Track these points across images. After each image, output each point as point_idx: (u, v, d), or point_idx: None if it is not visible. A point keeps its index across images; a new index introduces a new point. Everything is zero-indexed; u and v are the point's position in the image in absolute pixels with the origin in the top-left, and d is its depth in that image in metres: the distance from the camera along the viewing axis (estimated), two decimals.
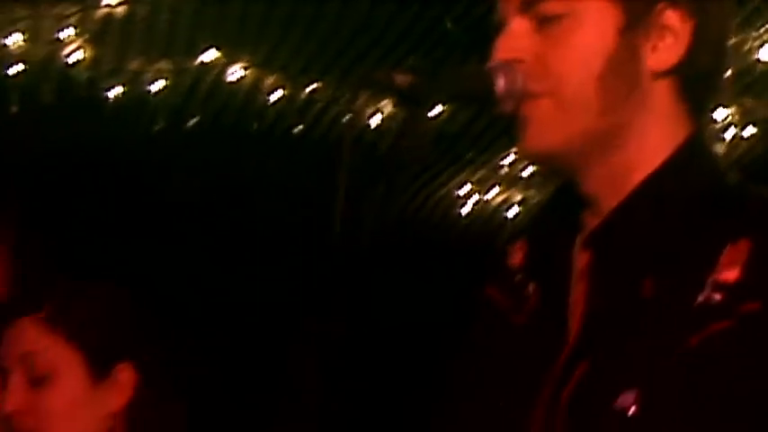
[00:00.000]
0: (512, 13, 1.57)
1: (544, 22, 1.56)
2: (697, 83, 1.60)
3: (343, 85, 4.98)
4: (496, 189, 6.07)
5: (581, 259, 1.58)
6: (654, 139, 1.57)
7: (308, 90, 5.07)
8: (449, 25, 4.53)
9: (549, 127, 1.55)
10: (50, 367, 2.09)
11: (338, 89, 5.03)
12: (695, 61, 1.58)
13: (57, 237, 5.65)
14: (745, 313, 1.43)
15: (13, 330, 2.11)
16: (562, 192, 1.63)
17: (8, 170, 5.69)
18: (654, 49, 1.56)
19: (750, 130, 5.45)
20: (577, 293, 1.56)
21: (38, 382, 2.08)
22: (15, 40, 4.49)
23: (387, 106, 5.03)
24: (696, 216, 1.53)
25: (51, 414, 2.08)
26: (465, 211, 6.19)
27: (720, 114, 5.27)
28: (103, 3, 4.36)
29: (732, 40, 1.67)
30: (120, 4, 4.35)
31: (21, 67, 4.62)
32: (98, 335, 2.13)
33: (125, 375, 2.12)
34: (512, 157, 5.66)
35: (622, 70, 1.56)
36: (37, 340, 2.10)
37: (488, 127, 5.31)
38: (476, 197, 6.12)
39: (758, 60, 4.83)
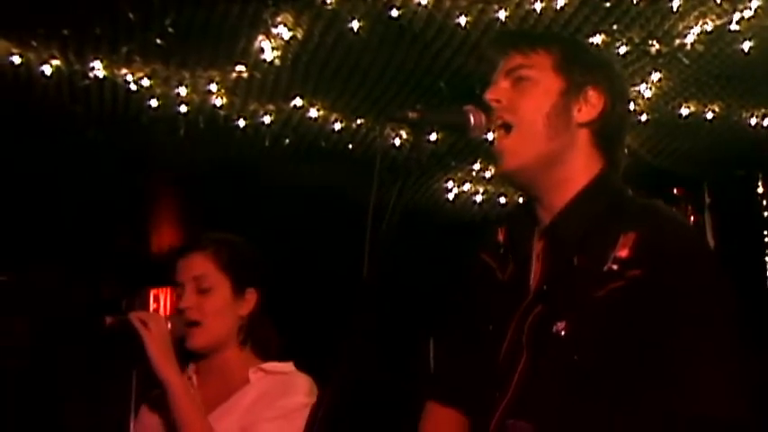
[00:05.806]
0: (499, 75, 1.59)
1: (517, 82, 1.57)
2: (605, 134, 1.59)
3: (377, 119, 4.94)
4: (469, 184, 5.98)
5: (538, 244, 1.58)
6: (579, 166, 1.56)
7: (356, 123, 5.02)
8: (442, 85, 4.48)
9: (514, 154, 1.55)
10: (211, 284, 2.08)
11: (374, 121, 4.99)
12: (604, 122, 1.58)
13: (210, 209, 5.58)
14: (631, 277, 1.44)
15: (187, 260, 2.10)
16: (526, 199, 1.63)
17: (175, 171, 5.67)
18: (579, 109, 1.57)
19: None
20: (536, 266, 1.56)
21: (202, 292, 2.07)
22: (182, 91, 4.47)
23: (403, 132, 4.98)
24: (605, 217, 1.52)
25: (208, 312, 2.07)
26: (450, 197, 6.10)
27: None
28: (234, 69, 4.35)
29: None
30: (244, 71, 4.32)
31: (185, 107, 4.61)
32: (238, 268, 2.11)
33: (251, 296, 2.12)
34: (478, 165, 5.62)
35: (560, 115, 1.55)
36: (204, 267, 2.09)
37: (465, 146, 5.26)
38: (456, 189, 6.02)
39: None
